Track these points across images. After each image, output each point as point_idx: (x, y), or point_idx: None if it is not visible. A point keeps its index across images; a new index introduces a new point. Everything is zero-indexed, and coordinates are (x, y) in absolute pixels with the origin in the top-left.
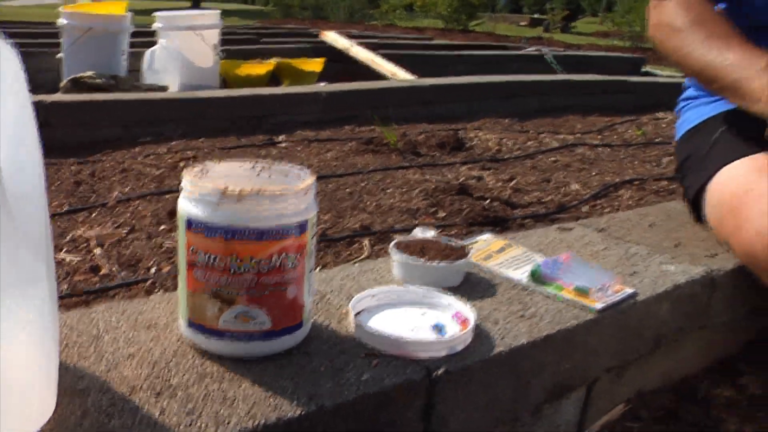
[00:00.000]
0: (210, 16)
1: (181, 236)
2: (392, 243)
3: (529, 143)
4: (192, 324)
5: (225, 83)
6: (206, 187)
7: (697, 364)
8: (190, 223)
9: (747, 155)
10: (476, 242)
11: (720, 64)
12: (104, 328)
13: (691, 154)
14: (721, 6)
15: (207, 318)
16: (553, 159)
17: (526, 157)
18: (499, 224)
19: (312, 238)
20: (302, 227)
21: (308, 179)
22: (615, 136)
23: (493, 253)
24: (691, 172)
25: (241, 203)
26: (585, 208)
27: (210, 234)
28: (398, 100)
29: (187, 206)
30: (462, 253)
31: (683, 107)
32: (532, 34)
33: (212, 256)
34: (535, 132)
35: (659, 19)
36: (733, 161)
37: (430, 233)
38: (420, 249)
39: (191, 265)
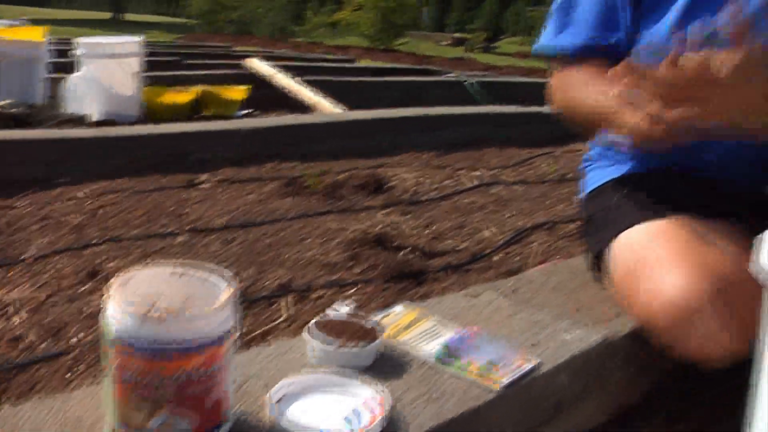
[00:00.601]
0: (132, 44)
1: (107, 344)
2: (307, 327)
3: (447, 182)
4: (119, 428)
5: (147, 111)
6: (129, 306)
7: (597, 420)
8: (117, 335)
9: (646, 220)
10: (389, 314)
11: (607, 100)
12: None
13: (593, 215)
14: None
15: (133, 424)
16: (468, 200)
17: (443, 198)
18: (415, 278)
19: (233, 340)
20: (223, 337)
21: (227, 292)
22: (531, 171)
23: (405, 328)
24: (593, 233)
25: (163, 324)
26: (497, 257)
27: (135, 348)
28: (320, 135)
29: (113, 316)
30: (374, 335)
31: (587, 167)
32: (454, 54)
33: (138, 368)
34: (453, 168)
35: (558, 83)
36: (632, 226)
37: (345, 309)
38: (334, 331)
39: (119, 374)
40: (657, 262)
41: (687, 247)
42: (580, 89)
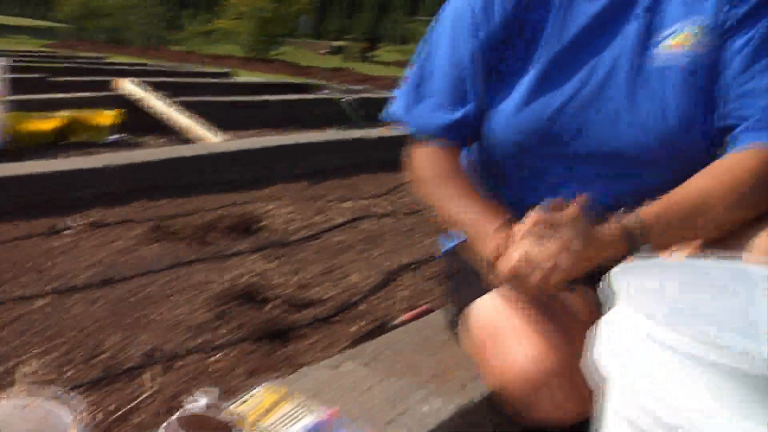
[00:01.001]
0: None
1: None
2: (166, 423)
3: (318, 218)
4: None
5: (11, 139)
6: None
7: None
8: None
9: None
10: (250, 398)
11: (462, 219)
12: None
13: (453, 273)
14: (469, 155)
15: None
16: (339, 238)
17: (314, 237)
18: (282, 337)
19: None
20: None
21: (72, 427)
22: (405, 198)
23: (266, 411)
24: (452, 292)
25: None
26: (363, 306)
27: None
28: (191, 169)
29: None
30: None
31: None
32: (333, 64)
33: None
34: (326, 200)
35: (412, 165)
36: (488, 291)
37: (204, 401)
38: (192, 429)
39: None
40: (511, 331)
41: (540, 317)
42: (439, 197)
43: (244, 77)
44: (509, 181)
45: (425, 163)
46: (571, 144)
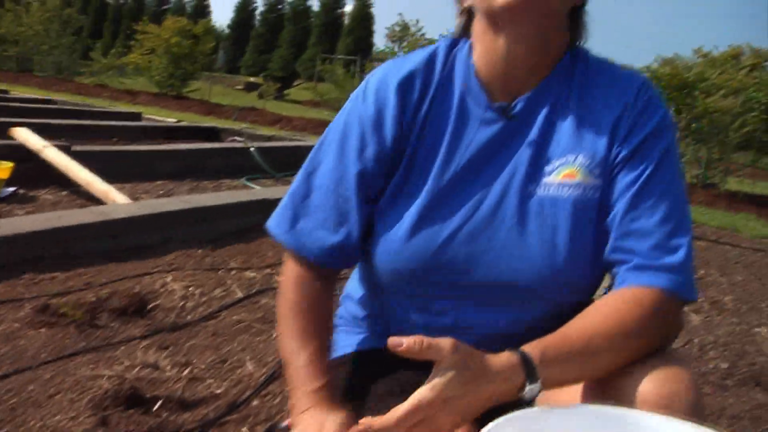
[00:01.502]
0: None
1: None
2: None
3: (216, 291)
4: None
5: None
6: None
7: None
8: None
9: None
10: None
11: (291, 363)
12: None
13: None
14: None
15: None
16: (236, 318)
17: (210, 317)
18: None
19: None
20: None
21: None
22: None
23: None
24: None
25: None
26: (256, 401)
27: None
28: (84, 237)
29: None
30: None
31: (337, 325)
32: (247, 101)
33: None
34: (226, 268)
35: (282, 278)
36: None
37: None
38: None
39: None
40: None
41: None
42: (286, 328)
43: (155, 115)
44: (394, 303)
45: (289, 284)
46: (459, 275)
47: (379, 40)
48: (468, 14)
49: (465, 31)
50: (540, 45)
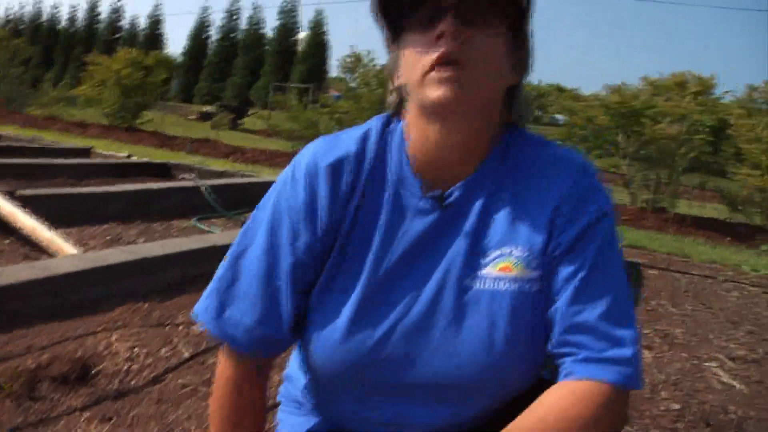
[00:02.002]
0: None
1: None
2: None
3: (163, 351)
4: None
5: None
6: None
7: None
8: None
9: None
10: None
11: None
12: None
13: None
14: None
15: None
16: (182, 381)
17: (156, 381)
18: None
19: None
20: None
21: None
22: None
23: None
24: None
25: None
26: None
27: None
28: (28, 293)
29: None
30: None
31: (280, 407)
32: (201, 131)
33: None
34: (173, 324)
35: (218, 363)
36: None
37: None
38: None
39: None
40: None
41: None
42: (217, 416)
43: (107, 149)
44: (332, 395)
45: (222, 379)
46: (395, 374)
47: (334, 68)
48: (399, 94)
49: (398, 108)
50: (475, 132)
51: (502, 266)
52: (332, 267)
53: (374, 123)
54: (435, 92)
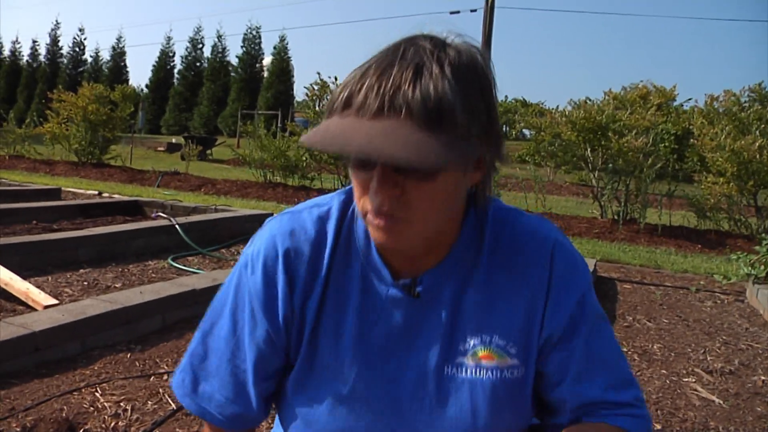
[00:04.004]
0: None
1: None
2: None
3: (149, 403)
4: None
5: None
6: None
7: None
8: None
9: None
10: None
11: None
12: None
13: None
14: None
15: None
16: None
17: None
18: None
19: None
20: None
21: None
22: None
23: None
24: None
25: None
26: None
27: None
28: (7, 353)
29: None
30: None
31: None
32: (169, 163)
33: None
34: (157, 374)
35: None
36: None
37: None
38: None
39: None
40: None
41: None
42: None
43: (75, 187)
44: None
45: None
46: None
47: (300, 93)
48: None
49: None
50: (434, 233)
51: (482, 354)
52: (304, 361)
53: (335, 202)
54: (375, 234)
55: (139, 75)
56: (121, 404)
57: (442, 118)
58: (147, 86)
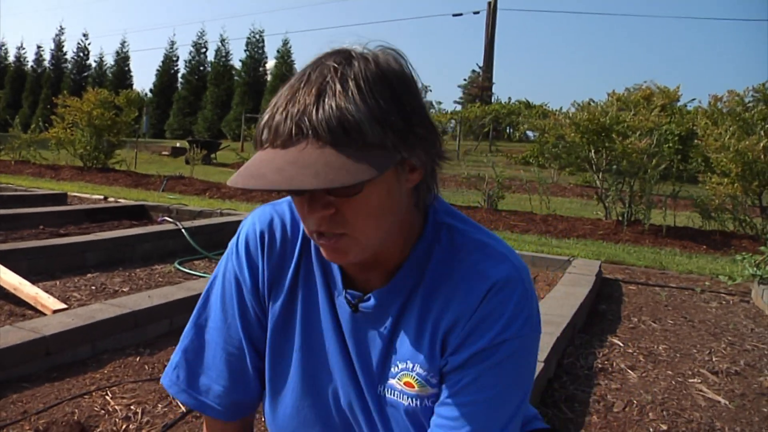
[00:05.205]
0: None
1: None
2: None
3: (159, 406)
4: None
5: None
6: None
7: None
8: None
9: None
10: None
11: None
12: None
13: None
14: None
15: None
16: None
17: None
18: None
19: None
20: None
21: None
22: None
23: None
24: None
25: None
26: None
27: None
28: (13, 359)
29: None
30: None
31: None
32: (174, 167)
33: None
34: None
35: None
36: None
37: None
38: None
39: None
40: None
41: None
42: None
43: (81, 192)
44: None
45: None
46: None
47: None
48: None
49: None
50: (382, 243)
51: (406, 381)
52: (272, 342)
53: None
54: (323, 252)
55: (143, 79)
56: (132, 407)
57: (348, 134)
58: (151, 91)
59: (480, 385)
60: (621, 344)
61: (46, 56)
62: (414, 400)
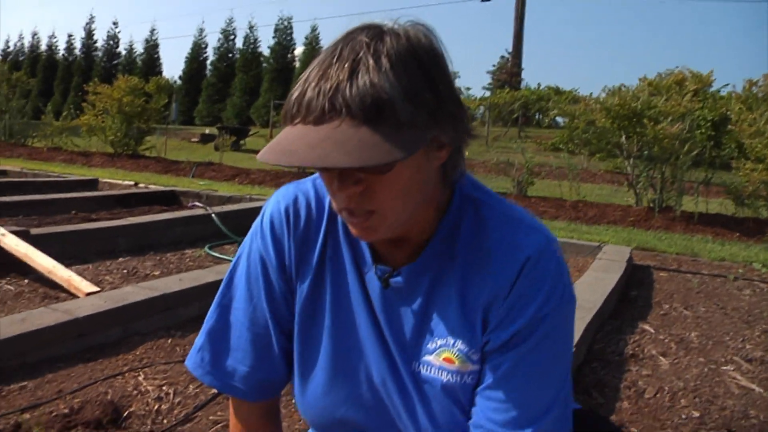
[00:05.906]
0: None
1: None
2: None
3: (191, 387)
4: None
5: None
6: None
7: None
8: None
9: None
10: None
11: None
12: None
13: None
14: None
15: None
16: (213, 417)
17: (186, 421)
18: None
19: None
20: None
21: None
22: None
23: None
24: None
25: None
26: None
27: None
28: (48, 339)
29: None
30: None
31: None
32: (203, 154)
33: None
34: None
35: (230, 415)
36: None
37: None
38: None
39: None
40: None
41: None
42: None
43: (112, 178)
44: None
45: (234, 418)
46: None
47: None
48: None
49: None
50: (409, 219)
51: (445, 357)
52: (300, 324)
53: None
54: (351, 229)
55: (172, 67)
56: (164, 388)
57: (382, 112)
58: (180, 78)
59: (526, 363)
60: (652, 330)
61: (77, 45)
62: (454, 375)
